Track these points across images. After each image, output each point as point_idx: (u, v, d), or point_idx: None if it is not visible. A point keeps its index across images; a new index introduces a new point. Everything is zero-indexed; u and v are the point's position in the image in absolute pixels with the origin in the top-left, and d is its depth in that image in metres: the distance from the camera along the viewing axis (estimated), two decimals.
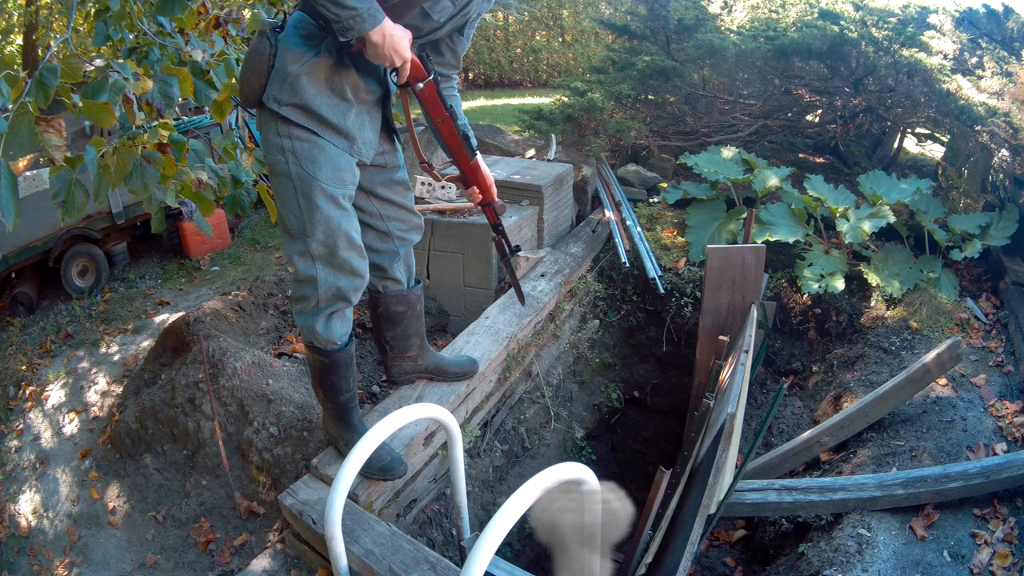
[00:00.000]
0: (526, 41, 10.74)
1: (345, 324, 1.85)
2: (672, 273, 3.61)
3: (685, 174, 4.62)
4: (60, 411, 3.18)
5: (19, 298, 4.18)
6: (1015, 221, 3.41)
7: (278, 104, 1.57)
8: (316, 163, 1.62)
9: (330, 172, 1.64)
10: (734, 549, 2.72)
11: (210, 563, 2.29)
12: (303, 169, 1.62)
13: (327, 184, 1.63)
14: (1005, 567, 1.92)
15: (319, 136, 1.61)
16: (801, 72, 4.75)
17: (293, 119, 1.58)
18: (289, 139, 1.61)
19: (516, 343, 2.76)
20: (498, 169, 3.95)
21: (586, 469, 1.34)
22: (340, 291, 1.75)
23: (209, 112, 2.15)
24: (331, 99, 1.60)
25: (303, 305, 1.78)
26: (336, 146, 1.64)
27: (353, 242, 1.72)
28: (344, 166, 1.66)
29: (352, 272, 1.74)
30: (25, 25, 6.81)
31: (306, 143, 1.61)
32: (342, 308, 1.80)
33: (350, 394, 1.94)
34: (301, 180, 1.63)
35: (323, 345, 1.82)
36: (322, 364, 1.85)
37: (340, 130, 1.62)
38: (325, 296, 1.75)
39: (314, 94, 1.57)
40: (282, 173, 1.64)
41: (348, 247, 1.71)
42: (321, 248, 1.68)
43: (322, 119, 1.59)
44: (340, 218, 1.67)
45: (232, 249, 4.86)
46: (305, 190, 1.64)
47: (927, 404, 2.63)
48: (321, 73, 1.57)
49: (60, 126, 1.39)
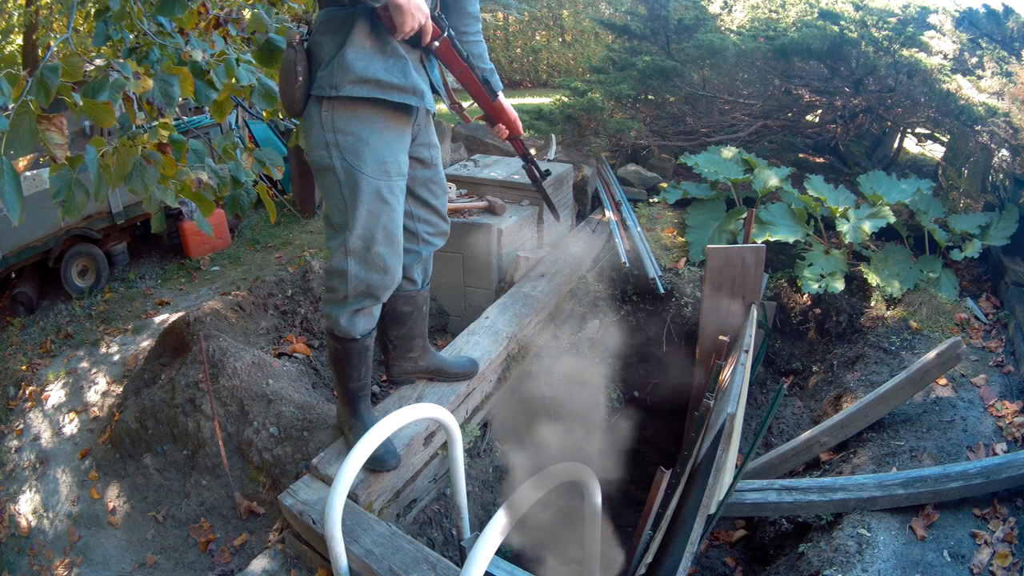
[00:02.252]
0: (526, 41, 10.74)
1: (369, 321, 1.88)
2: (672, 273, 3.61)
3: (685, 174, 4.62)
4: (60, 411, 3.18)
5: (19, 298, 4.17)
6: (1015, 221, 3.41)
7: (336, 90, 1.58)
8: (360, 156, 1.64)
9: (375, 165, 1.66)
10: (734, 549, 2.72)
11: (210, 563, 2.29)
12: (348, 163, 1.65)
13: (373, 176, 1.66)
14: (1005, 567, 1.92)
15: (379, 104, 1.63)
16: (801, 72, 4.75)
17: (357, 95, 1.59)
18: (333, 133, 1.63)
19: (516, 343, 2.76)
20: (498, 169, 3.95)
21: (586, 469, 1.34)
22: (370, 288, 1.77)
23: (209, 112, 2.15)
24: (385, 61, 1.60)
25: (332, 296, 1.82)
26: (409, 104, 1.65)
27: (392, 238, 1.74)
28: (388, 157, 1.68)
29: (384, 270, 1.76)
30: (25, 25, 6.80)
31: (350, 137, 1.64)
32: (369, 306, 1.83)
33: (360, 383, 1.97)
34: (347, 173, 1.66)
35: (342, 334, 1.85)
36: (336, 350, 1.90)
37: (406, 87, 1.63)
38: (354, 292, 1.77)
39: (366, 64, 1.58)
40: (327, 168, 1.67)
41: (385, 242, 1.72)
42: (358, 242, 1.71)
43: (383, 83, 1.60)
44: (382, 211, 1.69)
45: (232, 249, 4.86)
46: (351, 183, 1.66)
47: (927, 404, 2.63)
48: (365, 42, 1.58)
49: (61, 124, 1.39)
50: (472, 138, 4.97)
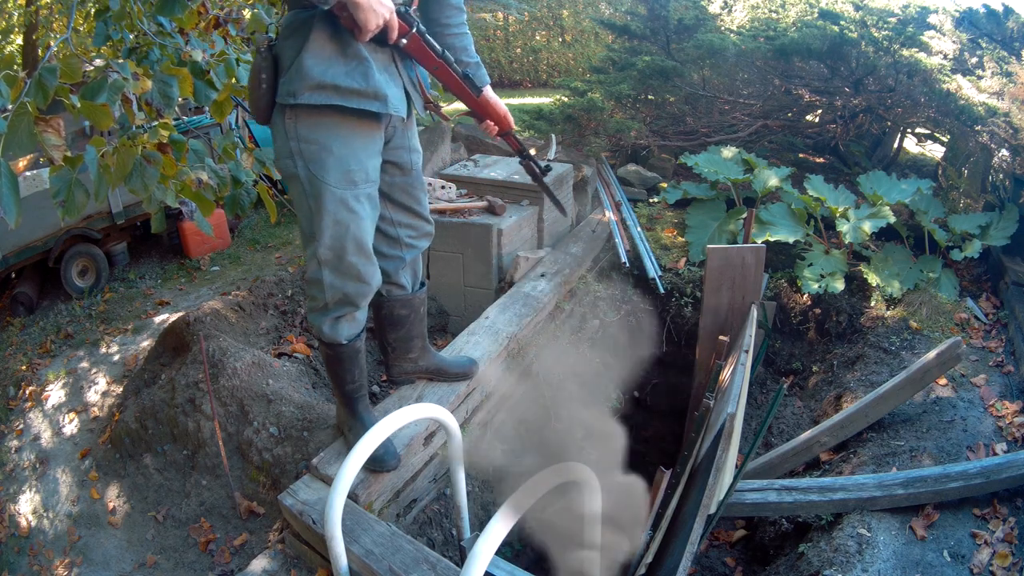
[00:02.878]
0: (526, 41, 10.73)
1: (353, 327, 1.86)
2: (672, 273, 3.61)
3: (685, 174, 4.62)
4: (60, 411, 3.18)
5: (19, 298, 4.17)
6: (1015, 221, 3.41)
7: (294, 97, 1.52)
8: (324, 166, 1.59)
9: (339, 174, 1.60)
10: (734, 549, 2.72)
11: (210, 563, 2.29)
12: (311, 172, 1.59)
13: (336, 187, 1.60)
14: (1005, 567, 1.92)
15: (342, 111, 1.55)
16: (801, 72, 4.75)
17: (315, 102, 1.52)
18: (296, 141, 1.58)
19: (516, 343, 2.76)
20: (498, 169, 3.95)
21: (586, 469, 1.34)
22: (347, 296, 1.75)
23: (209, 112, 2.15)
24: (347, 65, 1.52)
25: (313, 304, 1.80)
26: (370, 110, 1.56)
27: (362, 247, 1.69)
28: (353, 166, 1.61)
29: (359, 278, 1.73)
30: (25, 25, 6.80)
31: (314, 145, 1.58)
32: (350, 312, 1.81)
33: (355, 385, 1.96)
34: (310, 183, 1.61)
35: (328, 341, 1.85)
36: (327, 355, 1.90)
37: (367, 92, 1.55)
38: (332, 300, 1.75)
39: (324, 69, 1.50)
40: (293, 176, 1.63)
41: (356, 252, 1.68)
42: (328, 253, 1.67)
43: (342, 89, 1.52)
44: (349, 221, 1.64)
45: (232, 249, 4.86)
46: (315, 193, 1.61)
47: (927, 404, 2.63)
48: (325, 45, 1.51)
49: (59, 126, 1.39)
50: (472, 138, 4.96)
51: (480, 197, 3.61)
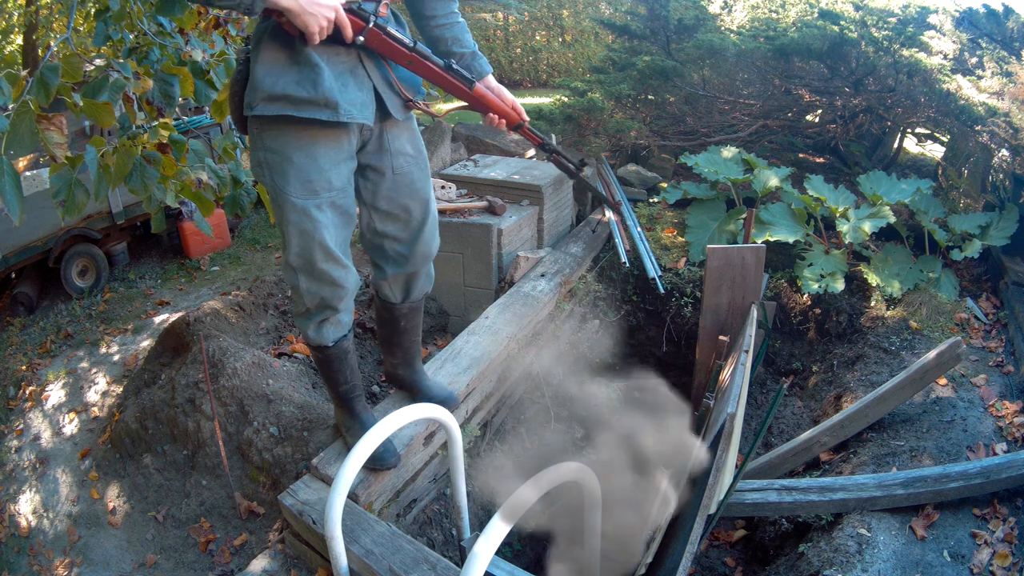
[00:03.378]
0: (526, 41, 10.74)
1: (338, 329, 1.85)
2: (672, 273, 3.61)
3: (685, 174, 4.62)
4: (60, 411, 3.18)
5: (19, 298, 4.17)
6: (1015, 221, 3.41)
7: (251, 108, 1.50)
8: (285, 176, 1.57)
9: (299, 185, 1.58)
10: (734, 549, 2.72)
11: (210, 563, 2.29)
12: (275, 182, 1.59)
13: (296, 197, 1.58)
14: (1005, 567, 1.92)
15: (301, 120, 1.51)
16: (801, 72, 4.75)
17: (269, 113, 1.49)
18: (263, 152, 1.58)
19: (516, 343, 2.76)
20: (498, 169, 3.95)
21: (586, 469, 1.34)
22: (324, 300, 1.74)
23: (209, 112, 2.15)
24: (298, 73, 1.47)
25: (296, 308, 1.82)
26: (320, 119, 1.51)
27: (330, 253, 1.65)
28: (314, 176, 1.58)
29: (332, 283, 1.71)
30: (25, 25, 6.80)
31: (276, 155, 1.56)
32: (331, 315, 1.81)
33: (348, 386, 1.96)
34: (275, 192, 1.61)
35: (314, 344, 1.86)
36: (317, 358, 1.91)
37: (317, 100, 1.48)
38: (312, 305, 1.76)
39: (274, 79, 1.47)
40: (264, 185, 1.65)
41: (325, 259, 1.66)
42: (299, 260, 1.66)
43: (293, 98, 1.48)
44: (314, 230, 1.61)
45: (232, 249, 4.86)
46: (279, 202, 1.61)
47: (927, 404, 2.63)
48: (278, 54, 1.47)
49: (61, 124, 1.40)
50: (472, 138, 4.97)
51: (480, 197, 3.62)
